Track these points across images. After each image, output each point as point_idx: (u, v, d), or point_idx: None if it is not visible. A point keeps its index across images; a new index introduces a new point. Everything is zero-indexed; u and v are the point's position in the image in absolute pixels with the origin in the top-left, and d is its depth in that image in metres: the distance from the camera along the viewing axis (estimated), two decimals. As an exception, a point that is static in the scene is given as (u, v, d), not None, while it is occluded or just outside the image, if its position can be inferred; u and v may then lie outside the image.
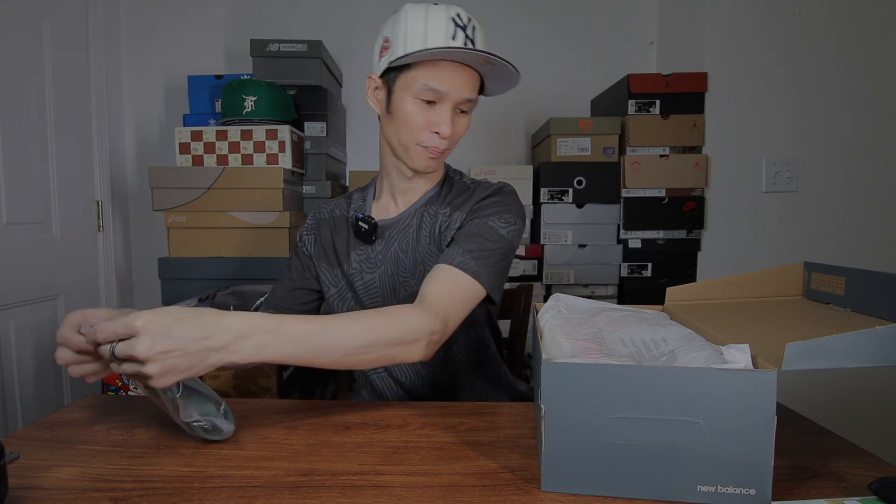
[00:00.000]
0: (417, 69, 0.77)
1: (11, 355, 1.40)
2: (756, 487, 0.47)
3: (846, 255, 1.60)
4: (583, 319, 0.69)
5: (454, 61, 0.76)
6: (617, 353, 0.58)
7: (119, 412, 0.73)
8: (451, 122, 0.78)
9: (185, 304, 1.22)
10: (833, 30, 1.57)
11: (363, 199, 0.94)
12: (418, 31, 0.75)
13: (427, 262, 0.85)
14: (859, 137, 1.59)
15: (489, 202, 0.84)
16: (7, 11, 1.39)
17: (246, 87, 1.46)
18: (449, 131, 0.78)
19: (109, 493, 0.51)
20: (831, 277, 0.67)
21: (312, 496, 0.51)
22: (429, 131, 0.79)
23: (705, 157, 1.58)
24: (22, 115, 1.44)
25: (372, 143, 1.96)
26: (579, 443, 0.49)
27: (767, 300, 0.75)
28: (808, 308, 0.69)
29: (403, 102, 0.78)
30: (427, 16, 0.76)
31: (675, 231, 1.60)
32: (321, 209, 0.97)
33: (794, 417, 0.71)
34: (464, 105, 0.79)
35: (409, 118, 0.78)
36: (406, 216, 0.88)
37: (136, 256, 1.93)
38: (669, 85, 1.58)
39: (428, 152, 0.81)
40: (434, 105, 0.78)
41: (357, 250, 0.89)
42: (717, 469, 0.47)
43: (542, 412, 0.49)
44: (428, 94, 0.77)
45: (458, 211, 0.85)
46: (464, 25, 0.76)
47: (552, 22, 1.93)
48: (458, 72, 0.77)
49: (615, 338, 0.64)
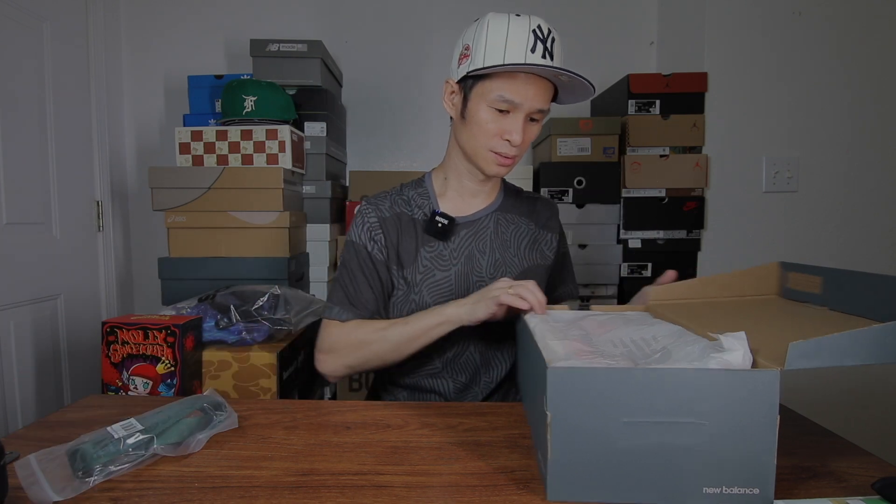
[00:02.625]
0: (494, 80, 0.79)
1: (11, 355, 1.40)
2: (759, 487, 0.47)
3: (846, 254, 1.60)
4: (568, 324, 0.70)
5: (530, 74, 0.79)
6: (609, 354, 0.58)
7: (119, 412, 0.73)
8: (522, 130, 0.81)
9: (185, 304, 1.21)
10: (833, 30, 1.57)
11: (425, 195, 0.93)
12: (499, 43, 0.78)
13: (508, 265, 0.91)
14: (859, 137, 1.59)
15: (561, 226, 1.03)
16: (7, 11, 1.39)
17: (246, 87, 1.46)
18: (520, 140, 0.81)
19: (109, 493, 0.51)
20: (808, 277, 0.70)
21: (312, 496, 0.51)
22: (500, 138, 0.82)
23: (705, 157, 1.58)
24: (22, 116, 1.44)
25: (371, 144, 1.97)
26: (587, 450, 0.48)
27: (746, 299, 0.76)
28: (788, 307, 0.70)
29: (478, 110, 0.81)
30: (509, 27, 0.78)
31: (675, 231, 1.60)
32: (378, 206, 0.91)
33: (795, 417, 0.71)
34: (536, 115, 0.82)
35: (483, 125, 0.82)
36: (483, 216, 0.93)
37: (136, 256, 1.93)
38: (669, 85, 1.58)
39: (498, 158, 0.84)
40: (507, 114, 0.81)
41: (427, 247, 0.89)
42: (722, 470, 0.47)
43: (549, 419, 0.48)
44: (503, 105, 0.80)
45: (546, 230, 0.98)
46: (544, 38, 0.78)
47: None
48: (534, 84, 0.79)
49: (604, 339, 0.64)
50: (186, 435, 0.60)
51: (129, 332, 0.93)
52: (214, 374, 1.06)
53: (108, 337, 0.93)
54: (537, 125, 0.84)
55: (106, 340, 0.93)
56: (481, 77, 0.81)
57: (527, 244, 0.95)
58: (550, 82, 0.82)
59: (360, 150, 1.97)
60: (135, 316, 0.98)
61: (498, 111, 0.81)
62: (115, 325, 0.93)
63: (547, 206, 1.01)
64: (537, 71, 0.78)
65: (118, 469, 0.54)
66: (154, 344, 0.93)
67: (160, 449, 0.57)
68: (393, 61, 1.94)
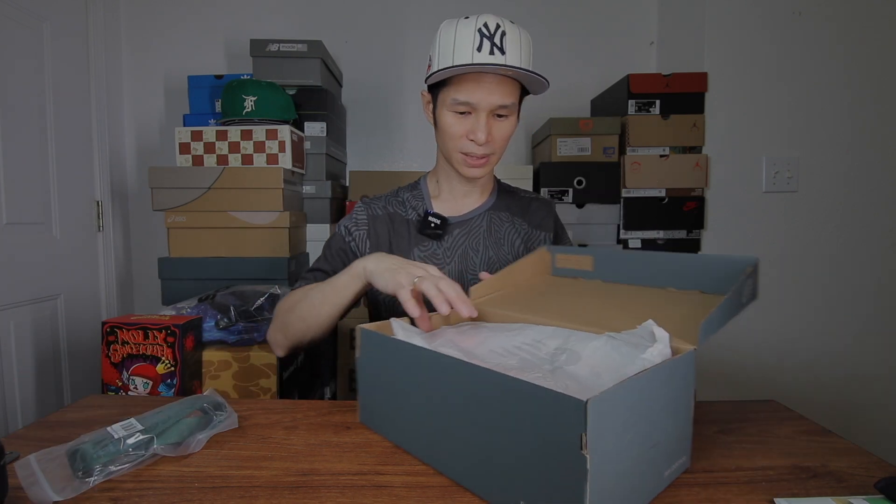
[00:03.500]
0: (450, 84, 0.82)
1: (11, 355, 1.40)
2: (685, 455, 0.54)
3: (846, 254, 1.60)
4: (425, 341, 0.60)
5: (481, 72, 0.80)
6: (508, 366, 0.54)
7: (119, 412, 0.73)
8: (485, 128, 0.82)
9: (185, 304, 1.21)
10: (833, 30, 1.57)
11: (419, 197, 0.96)
12: (448, 48, 0.80)
13: (502, 263, 0.91)
14: (859, 137, 1.59)
15: (560, 225, 1.03)
16: (7, 11, 1.39)
17: (246, 87, 1.46)
18: (483, 138, 0.82)
19: (109, 493, 0.51)
20: (578, 257, 0.80)
21: (312, 496, 0.51)
22: (466, 139, 0.84)
23: (705, 157, 1.58)
24: (22, 116, 1.44)
25: (371, 144, 1.97)
26: (620, 486, 0.43)
27: (541, 282, 0.82)
28: (566, 283, 0.79)
29: (443, 115, 0.85)
30: (456, 32, 0.80)
31: (675, 231, 1.60)
32: (371, 205, 0.96)
33: (795, 417, 0.71)
34: (501, 111, 0.83)
35: (449, 129, 0.85)
36: (475, 216, 0.95)
37: (136, 256, 1.93)
38: (669, 85, 1.58)
39: (468, 159, 0.86)
40: (469, 115, 0.83)
41: (420, 246, 0.91)
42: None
43: (588, 464, 0.39)
44: (461, 107, 0.82)
45: (539, 230, 0.97)
46: (491, 35, 0.78)
47: (552, 22, 1.93)
48: (487, 82, 0.80)
49: (484, 350, 0.59)
50: (186, 435, 0.60)
51: (129, 332, 0.93)
52: (214, 374, 1.06)
53: (108, 337, 0.93)
54: (507, 120, 0.85)
55: (106, 340, 0.94)
56: (441, 84, 0.84)
57: (520, 243, 0.96)
58: (515, 79, 0.82)
59: (360, 150, 1.97)
60: (135, 316, 0.98)
61: (459, 114, 0.83)
62: (115, 325, 0.93)
63: (543, 205, 1.02)
64: (477, 69, 0.79)
65: (118, 469, 0.54)
66: (154, 344, 0.93)
67: (160, 449, 0.57)
68: (393, 61, 1.94)
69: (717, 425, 0.67)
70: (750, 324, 1.58)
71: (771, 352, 1.60)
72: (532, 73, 0.78)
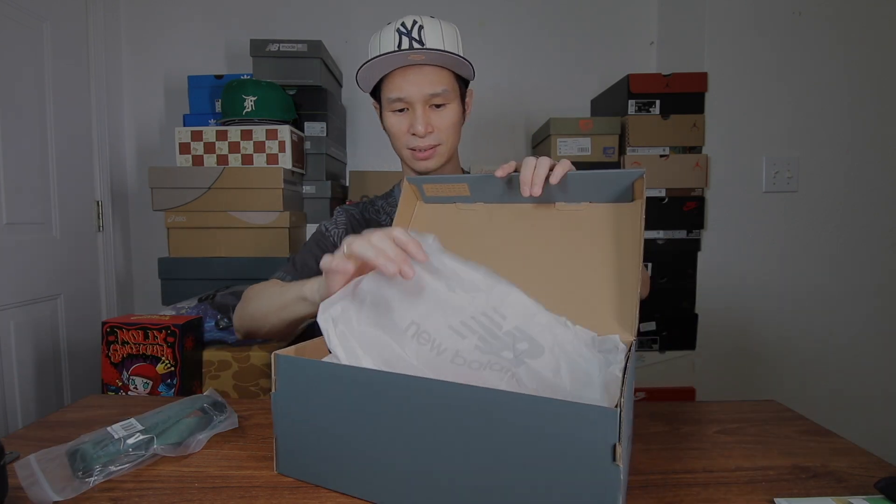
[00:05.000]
0: (384, 86, 0.85)
1: (11, 355, 1.40)
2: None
3: (846, 254, 1.60)
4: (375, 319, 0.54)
5: (406, 66, 0.82)
6: (466, 350, 0.51)
7: (119, 412, 0.73)
8: (423, 120, 0.83)
9: (185, 304, 1.21)
10: (833, 30, 1.57)
11: (393, 203, 0.98)
12: (374, 53, 0.84)
13: None
14: (859, 137, 1.59)
15: None
16: (7, 11, 1.39)
17: (246, 87, 1.46)
18: (422, 129, 0.83)
19: (109, 493, 0.51)
20: (450, 185, 0.74)
21: (312, 496, 0.51)
22: (409, 135, 0.85)
23: (705, 157, 1.58)
24: (22, 116, 1.44)
25: (371, 144, 1.97)
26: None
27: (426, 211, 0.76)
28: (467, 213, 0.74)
29: (386, 118, 0.88)
30: (380, 36, 0.84)
31: (675, 231, 1.60)
32: (349, 211, 0.97)
33: (794, 417, 0.71)
34: (434, 100, 0.84)
35: (392, 129, 0.87)
36: None
37: (136, 256, 1.93)
38: (669, 85, 1.58)
39: (414, 153, 0.87)
40: (406, 111, 0.85)
41: None
42: None
43: (621, 474, 0.38)
44: (396, 105, 0.84)
45: None
46: (408, 31, 0.81)
47: (552, 22, 1.93)
48: (412, 74, 0.82)
49: (437, 324, 0.53)
50: (186, 435, 0.60)
51: (129, 332, 0.93)
52: (214, 374, 1.06)
53: (108, 337, 0.93)
54: (447, 108, 0.85)
55: (106, 340, 0.93)
56: (379, 89, 0.87)
57: None
58: (442, 67, 0.83)
59: (360, 150, 1.97)
60: (135, 316, 0.98)
61: (398, 111, 0.85)
62: (115, 325, 0.93)
63: None
64: (395, 62, 0.81)
65: (118, 469, 0.54)
66: (154, 344, 0.93)
67: (160, 449, 0.57)
68: (393, 61, 1.94)
69: (717, 425, 0.67)
70: (750, 324, 1.58)
71: (771, 352, 1.60)
72: (447, 53, 0.79)
